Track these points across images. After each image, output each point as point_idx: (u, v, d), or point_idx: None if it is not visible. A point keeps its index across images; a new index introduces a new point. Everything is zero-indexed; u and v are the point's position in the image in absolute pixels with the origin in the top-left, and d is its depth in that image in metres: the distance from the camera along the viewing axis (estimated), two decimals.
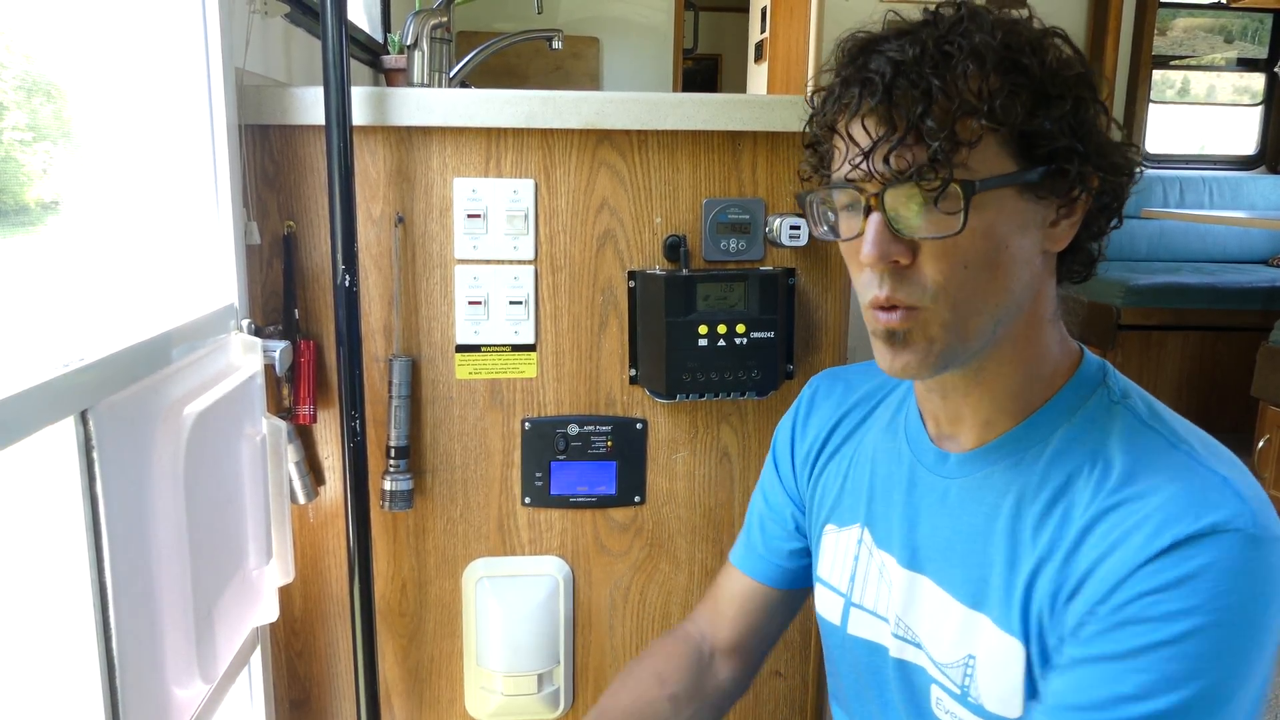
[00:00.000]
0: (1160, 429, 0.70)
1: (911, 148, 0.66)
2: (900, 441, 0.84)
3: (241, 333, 1.08)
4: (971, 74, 0.65)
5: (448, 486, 1.26)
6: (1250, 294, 3.63)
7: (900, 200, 0.68)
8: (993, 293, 0.69)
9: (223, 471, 0.98)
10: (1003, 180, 0.67)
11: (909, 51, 0.66)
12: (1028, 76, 0.66)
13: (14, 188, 0.93)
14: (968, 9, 0.69)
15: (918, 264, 0.68)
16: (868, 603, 0.85)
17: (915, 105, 0.65)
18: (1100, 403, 0.73)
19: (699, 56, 6.65)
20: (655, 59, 4.24)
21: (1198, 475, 0.66)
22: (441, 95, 1.17)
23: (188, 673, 0.89)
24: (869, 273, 0.70)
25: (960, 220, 0.66)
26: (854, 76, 0.69)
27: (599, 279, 1.24)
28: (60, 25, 0.95)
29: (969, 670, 0.74)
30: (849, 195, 0.71)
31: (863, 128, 0.68)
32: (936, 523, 0.78)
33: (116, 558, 0.75)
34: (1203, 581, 0.62)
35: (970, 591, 0.74)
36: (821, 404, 0.95)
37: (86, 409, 0.73)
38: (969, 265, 0.68)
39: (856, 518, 0.87)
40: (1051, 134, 0.67)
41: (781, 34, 3.91)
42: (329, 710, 1.30)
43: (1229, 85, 4.88)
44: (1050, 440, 0.73)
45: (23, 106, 0.93)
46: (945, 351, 0.70)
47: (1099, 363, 0.76)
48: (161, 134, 1.02)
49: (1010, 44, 0.66)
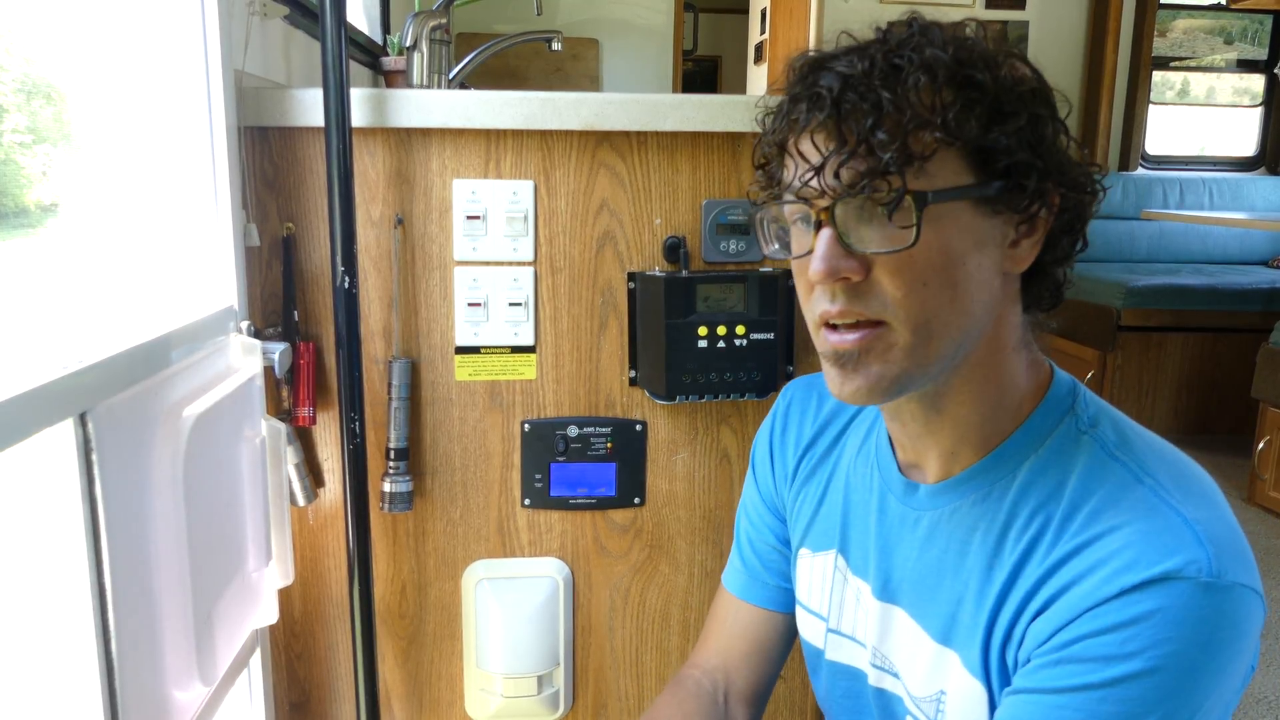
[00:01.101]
0: (1127, 461, 0.68)
1: (864, 159, 0.64)
2: (871, 468, 0.82)
3: (241, 335, 1.08)
4: (923, 86, 0.63)
5: (447, 488, 1.26)
6: (1250, 295, 3.63)
7: (851, 214, 0.66)
8: (954, 314, 0.66)
9: (222, 473, 0.98)
10: (956, 193, 0.65)
11: (858, 66, 0.65)
12: (981, 90, 0.64)
13: (14, 190, 0.93)
14: (919, 25, 0.67)
15: (872, 279, 0.66)
16: (845, 628, 0.84)
17: (865, 118, 0.63)
18: (1068, 432, 0.71)
19: (698, 58, 6.66)
20: (655, 60, 4.24)
21: (1158, 516, 0.64)
22: (441, 97, 1.17)
23: (187, 675, 0.89)
24: (819, 290, 0.68)
25: (914, 233, 0.64)
26: (802, 93, 0.67)
27: (599, 280, 1.24)
28: (60, 28, 0.95)
29: (940, 706, 0.73)
30: (799, 210, 0.69)
31: (812, 143, 0.66)
32: (908, 554, 0.77)
33: (116, 560, 0.75)
34: (1146, 627, 0.60)
35: (940, 627, 0.73)
36: (796, 415, 0.92)
37: (85, 411, 0.73)
38: (928, 283, 0.65)
39: (831, 543, 0.85)
40: (1008, 148, 0.65)
41: (781, 35, 3.91)
42: (329, 713, 1.30)
43: (1229, 86, 4.88)
44: (1018, 473, 0.71)
45: (22, 109, 0.93)
46: (901, 376, 0.67)
47: (1069, 385, 0.74)
48: (161, 136, 1.02)
49: (962, 59, 0.65)
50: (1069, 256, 0.72)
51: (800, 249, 0.70)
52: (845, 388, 0.69)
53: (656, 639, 1.33)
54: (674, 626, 1.33)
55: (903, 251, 0.64)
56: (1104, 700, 0.61)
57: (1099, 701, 0.61)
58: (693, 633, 1.33)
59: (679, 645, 1.34)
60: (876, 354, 0.67)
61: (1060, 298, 0.74)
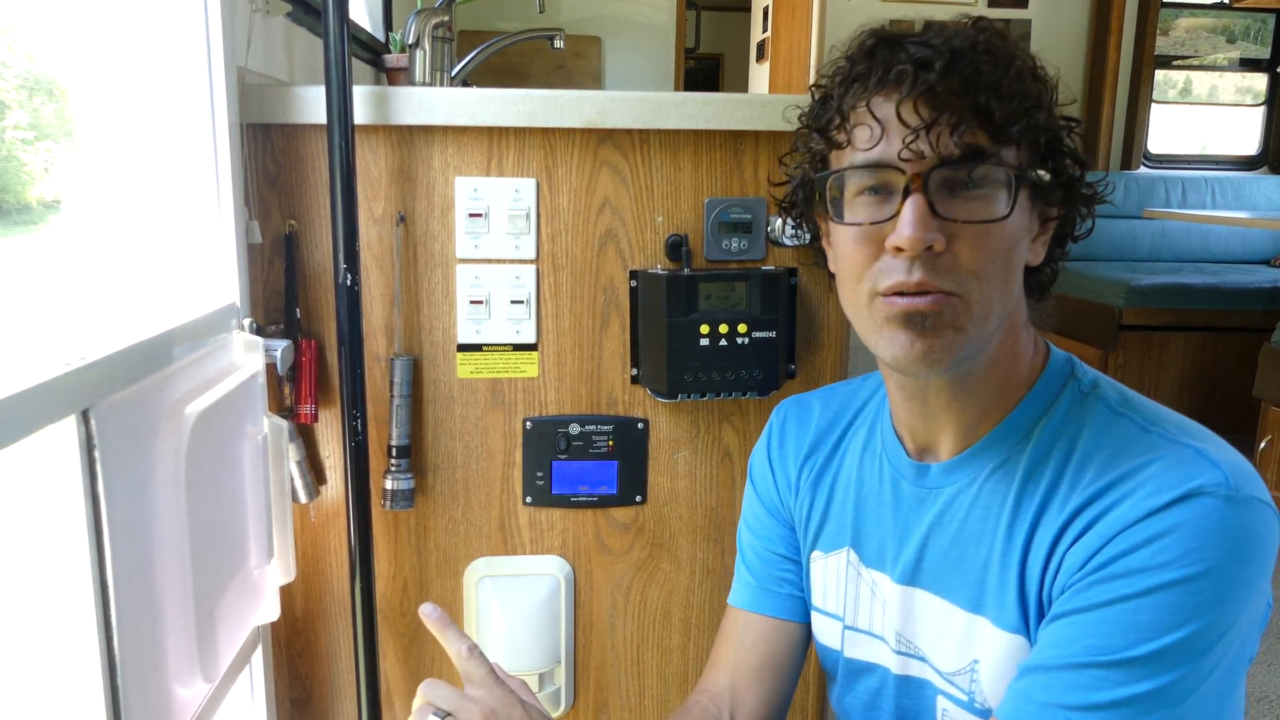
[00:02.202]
0: (1132, 415, 0.71)
1: (973, 130, 0.65)
2: (880, 461, 0.83)
3: (243, 332, 1.08)
4: (1016, 72, 0.67)
5: (449, 486, 1.26)
6: (1252, 294, 3.62)
7: (939, 185, 0.66)
8: (1004, 294, 0.69)
9: (224, 471, 0.98)
10: (1032, 177, 0.69)
11: (956, 42, 0.67)
12: (1047, 87, 0.69)
13: (16, 186, 0.93)
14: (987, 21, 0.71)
15: (951, 252, 0.66)
16: (862, 624, 0.84)
17: (980, 90, 0.65)
18: (1072, 395, 0.74)
19: (701, 56, 6.65)
20: (657, 58, 4.23)
21: (1172, 451, 0.67)
22: (443, 94, 1.16)
23: (189, 671, 0.89)
24: (890, 259, 0.67)
25: (1008, 205, 0.67)
26: (894, 59, 0.67)
27: (600, 278, 1.24)
28: (62, 24, 0.95)
29: (974, 675, 0.74)
30: (881, 177, 0.68)
31: (914, 107, 0.66)
32: (926, 534, 0.78)
33: (118, 557, 0.75)
34: (1175, 539, 0.62)
35: (968, 596, 0.74)
36: (793, 430, 0.93)
37: (88, 408, 0.73)
38: (995, 260, 0.67)
39: (843, 541, 0.86)
40: (1066, 148, 0.70)
41: (783, 34, 3.91)
42: (330, 709, 1.30)
43: (1231, 85, 4.88)
44: (1030, 436, 0.73)
45: (25, 105, 0.93)
46: (966, 346, 0.68)
47: (1065, 356, 0.77)
48: (163, 133, 1.02)
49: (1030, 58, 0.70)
50: (1059, 259, 0.76)
51: (875, 215, 0.69)
52: (917, 348, 0.68)
53: (658, 637, 1.33)
54: (675, 625, 1.33)
55: (992, 224, 0.67)
56: (1140, 610, 0.62)
57: (1135, 611, 0.62)
58: (694, 631, 1.33)
59: (680, 643, 1.34)
60: (950, 319, 0.67)
61: (1048, 291, 0.78)
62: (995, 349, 0.72)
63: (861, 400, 0.90)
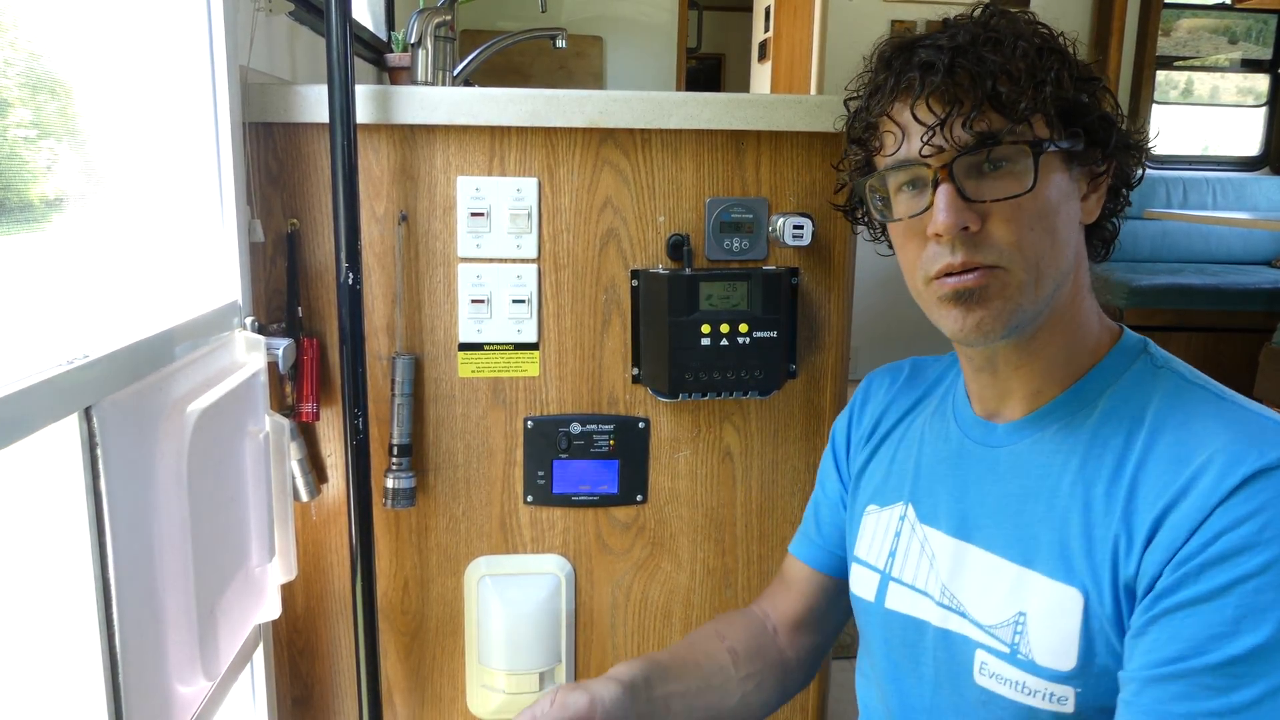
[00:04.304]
0: (1206, 385, 0.74)
1: (984, 116, 0.71)
2: (948, 422, 0.87)
3: (245, 330, 1.09)
4: (1022, 51, 0.71)
5: (450, 485, 1.26)
6: (1253, 295, 3.62)
7: (965, 170, 0.72)
8: (1054, 257, 0.73)
9: (225, 469, 0.98)
10: (1053, 146, 0.72)
11: (960, 38, 0.72)
12: (1064, 57, 0.74)
13: (19, 185, 0.93)
14: (993, 8, 0.75)
15: (986, 230, 0.72)
16: (907, 577, 0.86)
17: (984, 80, 0.70)
18: (1144, 368, 0.77)
19: (702, 56, 6.65)
20: (659, 58, 4.24)
21: (1250, 419, 0.69)
22: (445, 94, 1.17)
23: (190, 669, 0.90)
24: (934, 246, 0.73)
25: (1031, 179, 0.71)
26: (906, 66, 0.74)
27: (602, 278, 1.24)
28: (65, 23, 0.95)
29: (1019, 628, 0.75)
30: (911, 173, 0.75)
31: (928, 107, 0.72)
32: (985, 490, 0.80)
33: (119, 554, 0.75)
34: (1275, 513, 0.63)
35: (1021, 550, 0.76)
36: (875, 393, 0.98)
37: (90, 406, 0.73)
38: (1033, 227, 0.72)
39: (901, 496, 0.89)
40: (1088, 107, 0.74)
41: (785, 33, 3.91)
42: (331, 707, 1.30)
43: (1233, 86, 4.87)
44: (1097, 404, 0.76)
45: (27, 103, 0.93)
46: (1018, 312, 0.73)
47: (1141, 338, 0.80)
48: (166, 131, 1.02)
49: (1041, 31, 0.75)
50: (1119, 211, 0.81)
51: (914, 209, 0.76)
52: (968, 321, 0.74)
53: (658, 636, 1.33)
54: (676, 624, 1.33)
55: (1020, 197, 0.71)
56: (1259, 590, 0.63)
57: (1255, 593, 0.63)
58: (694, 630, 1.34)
59: None
60: (996, 290, 0.72)
61: (1111, 250, 0.83)
62: (1059, 311, 0.76)
63: (941, 370, 0.95)
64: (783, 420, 1.30)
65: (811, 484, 1.11)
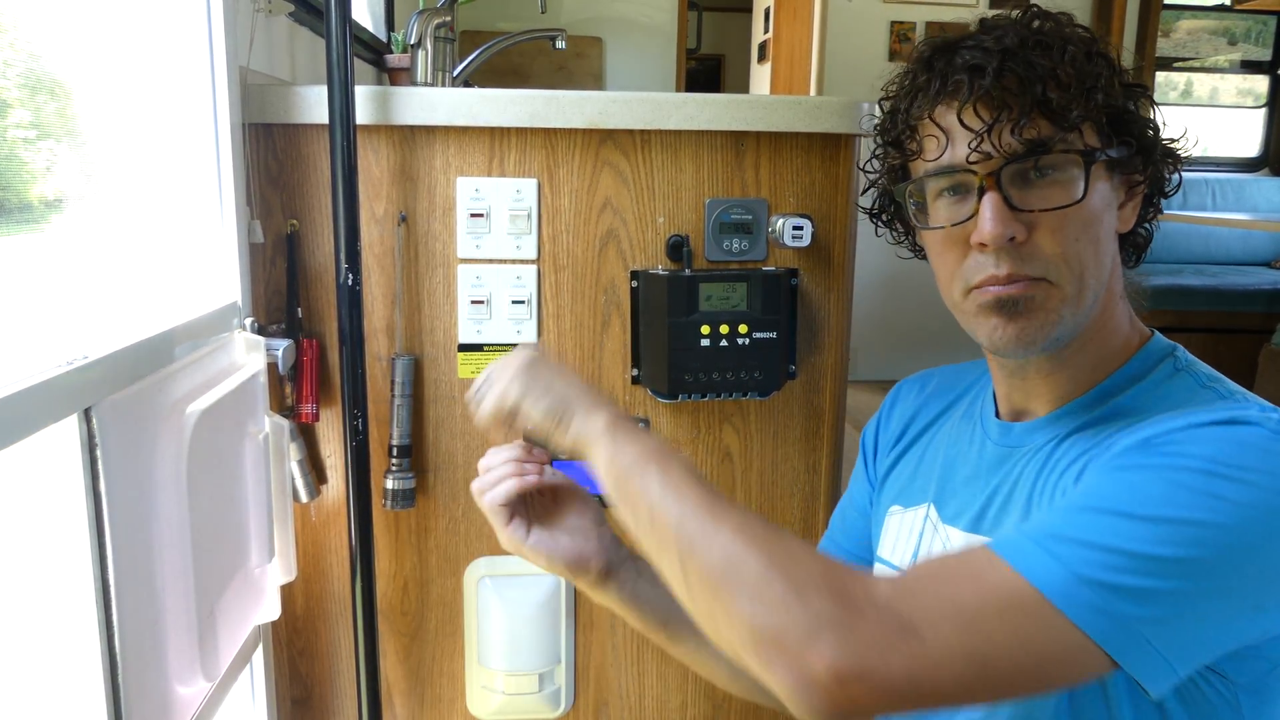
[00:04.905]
0: (1217, 387, 0.73)
1: (1034, 123, 0.68)
2: (974, 425, 0.87)
3: (244, 331, 1.09)
4: (1071, 56, 0.69)
5: (450, 485, 1.26)
6: (1252, 296, 3.63)
7: (1011, 179, 0.69)
8: (1098, 267, 0.72)
9: (225, 470, 0.98)
10: (1103, 155, 0.71)
11: (1008, 40, 0.70)
12: (1110, 63, 0.71)
13: (18, 185, 0.93)
14: (1038, 9, 0.73)
15: (1032, 240, 0.70)
16: None
17: (1034, 84, 0.68)
18: (1165, 370, 0.76)
19: (702, 56, 6.65)
20: (658, 59, 4.23)
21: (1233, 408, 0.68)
22: (445, 94, 1.17)
23: (190, 670, 0.90)
24: (977, 256, 0.71)
25: (1081, 188, 0.69)
26: (950, 68, 0.71)
27: (601, 279, 1.24)
28: (65, 23, 0.95)
29: None
30: (955, 180, 0.72)
31: (974, 112, 0.69)
32: (998, 487, 0.80)
33: (119, 556, 0.75)
34: (1229, 445, 0.62)
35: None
36: (904, 398, 0.98)
37: (89, 407, 0.73)
38: (1079, 238, 0.70)
39: (925, 497, 0.88)
40: (1135, 115, 0.72)
41: (784, 34, 3.91)
42: (330, 708, 1.30)
43: (1232, 87, 4.87)
44: (1111, 403, 0.76)
45: (27, 104, 0.93)
46: (1060, 325, 0.71)
47: (1170, 343, 0.79)
48: (165, 132, 1.02)
49: (1084, 36, 0.72)
50: (1153, 216, 0.80)
51: (955, 216, 0.73)
52: (1008, 331, 0.72)
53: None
54: None
55: (1068, 209, 0.69)
56: (1176, 480, 0.61)
57: (1166, 481, 0.61)
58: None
59: None
60: (1040, 302, 0.71)
61: (1143, 256, 0.81)
62: (1092, 319, 0.74)
63: (975, 376, 0.94)
64: (782, 421, 1.30)
65: (812, 484, 1.12)
